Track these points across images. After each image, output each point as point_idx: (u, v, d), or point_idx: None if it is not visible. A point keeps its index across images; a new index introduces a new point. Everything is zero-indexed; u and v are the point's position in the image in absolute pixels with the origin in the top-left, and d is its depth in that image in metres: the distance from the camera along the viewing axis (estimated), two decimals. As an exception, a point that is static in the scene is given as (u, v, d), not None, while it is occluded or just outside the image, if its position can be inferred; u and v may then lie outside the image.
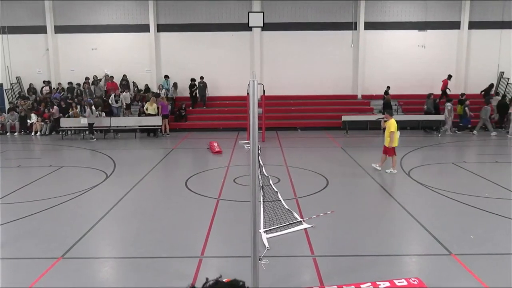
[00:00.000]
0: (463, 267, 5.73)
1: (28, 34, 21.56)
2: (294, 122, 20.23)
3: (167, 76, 21.34)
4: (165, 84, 21.26)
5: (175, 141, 17.27)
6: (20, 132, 19.52)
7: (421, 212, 8.12)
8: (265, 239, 6.60)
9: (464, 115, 18.78)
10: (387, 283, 5.14)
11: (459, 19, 21.36)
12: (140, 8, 21.40)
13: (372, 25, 21.43)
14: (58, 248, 6.48)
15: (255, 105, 4.47)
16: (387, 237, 6.90)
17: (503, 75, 21.47)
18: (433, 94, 19.65)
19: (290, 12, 21.42)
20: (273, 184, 9.96)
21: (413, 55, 21.61)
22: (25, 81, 22.11)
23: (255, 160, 4.66)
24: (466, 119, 18.79)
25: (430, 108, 19.09)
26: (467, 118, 18.77)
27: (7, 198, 9.22)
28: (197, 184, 10.31)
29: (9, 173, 11.89)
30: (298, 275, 5.72)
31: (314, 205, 8.50)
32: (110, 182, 10.74)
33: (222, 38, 21.56)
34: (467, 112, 18.57)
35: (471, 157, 14.61)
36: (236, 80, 20.65)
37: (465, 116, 18.73)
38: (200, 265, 5.90)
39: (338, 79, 21.80)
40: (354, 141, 16.94)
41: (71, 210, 8.51)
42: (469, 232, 7.05)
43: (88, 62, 21.67)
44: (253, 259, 4.78)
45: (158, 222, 7.77)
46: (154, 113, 18.60)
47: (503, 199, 8.87)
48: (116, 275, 5.83)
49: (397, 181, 10.71)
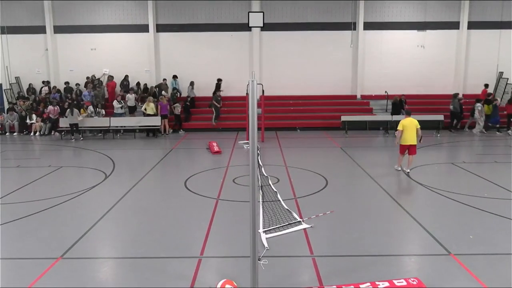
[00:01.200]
0: (462, 267, 5.74)
1: (27, 34, 21.57)
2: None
3: (175, 76, 21.27)
4: (174, 84, 21.18)
5: (174, 141, 17.27)
6: (20, 132, 19.51)
7: (420, 212, 8.14)
8: (264, 239, 6.61)
9: (493, 115, 18.75)
10: (386, 283, 5.14)
11: (458, 19, 21.39)
12: (139, 8, 21.41)
13: (372, 25, 21.46)
14: (57, 248, 6.48)
15: (254, 105, 4.47)
16: (386, 237, 6.90)
17: (502, 75, 21.49)
18: (459, 94, 19.52)
19: (290, 12, 21.44)
20: (273, 184, 9.96)
21: (412, 55, 21.64)
22: (24, 81, 22.10)
23: (255, 160, 4.66)
24: (495, 119, 18.78)
25: (456, 108, 18.93)
26: (496, 118, 18.77)
27: (6, 198, 9.22)
28: (197, 184, 10.31)
29: (9, 173, 11.88)
30: (298, 275, 5.72)
31: (313, 205, 8.50)
32: (110, 182, 10.74)
33: (222, 38, 21.57)
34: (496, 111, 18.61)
35: (471, 157, 14.61)
36: (236, 80, 20.68)
37: (493, 116, 18.71)
38: (199, 265, 5.90)
39: (338, 79, 21.82)
40: (353, 141, 16.95)
41: (70, 210, 8.51)
42: (468, 232, 7.05)
43: (87, 62, 21.68)
44: (253, 259, 4.78)
45: (157, 222, 7.77)
46: (152, 113, 18.60)
47: (502, 199, 8.88)
48: (115, 275, 5.83)
49: (397, 181, 10.72)
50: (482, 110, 18.21)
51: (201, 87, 21.16)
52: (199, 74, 21.31)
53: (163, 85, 20.94)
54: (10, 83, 21.79)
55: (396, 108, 18.80)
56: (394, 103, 19.17)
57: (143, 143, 17.33)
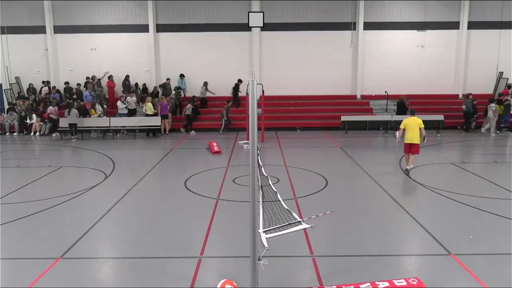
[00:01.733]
0: (462, 267, 5.74)
1: (27, 34, 21.57)
2: (293, 122, 20.25)
3: (182, 75, 21.30)
4: (180, 83, 21.15)
5: (174, 141, 17.27)
6: (20, 132, 19.51)
7: (420, 212, 8.14)
8: (264, 239, 6.61)
9: (504, 115, 18.77)
10: (386, 283, 5.14)
11: (458, 19, 21.40)
12: (139, 8, 21.41)
13: (372, 25, 21.47)
14: (57, 248, 6.48)
15: (254, 105, 4.47)
16: (386, 237, 6.90)
17: (502, 75, 21.49)
18: (471, 94, 19.46)
19: (290, 12, 21.44)
20: (273, 184, 9.96)
21: (412, 55, 21.65)
22: (24, 81, 22.11)
23: (255, 160, 4.66)
24: (506, 119, 18.82)
25: (469, 108, 18.85)
26: (506, 118, 18.80)
27: (6, 198, 9.22)
28: (197, 184, 10.31)
29: (9, 173, 11.88)
30: (297, 275, 5.72)
31: (313, 205, 8.50)
32: (110, 182, 10.74)
33: (222, 38, 21.58)
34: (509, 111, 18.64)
35: (471, 157, 14.61)
36: (235, 80, 20.68)
37: (505, 116, 18.74)
38: (199, 265, 5.90)
39: (337, 79, 21.83)
40: (353, 141, 16.95)
41: (70, 210, 8.50)
42: (468, 232, 7.05)
43: (87, 62, 21.67)
44: (253, 259, 4.78)
45: (157, 222, 7.77)
46: (151, 113, 18.58)
47: (502, 199, 8.89)
48: (115, 275, 5.83)
49: (397, 181, 10.72)
50: (496, 110, 18.19)
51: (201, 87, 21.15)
52: (199, 74, 21.30)
53: (166, 85, 20.87)
54: (10, 83, 21.79)
55: (401, 108, 18.77)
56: (399, 103, 19.15)
57: (143, 143, 17.33)
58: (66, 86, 21.45)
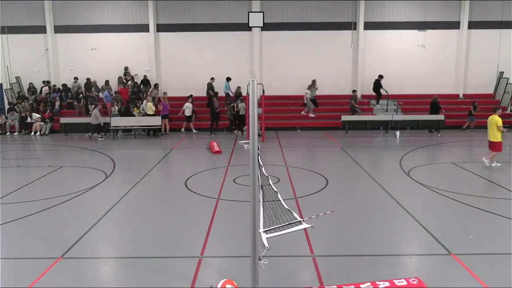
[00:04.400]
0: (462, 267, 5.74)
1: (28, 34, 21.57)
2: (293, 122, 20.24)
3: (229, 78, 20.46)
4: (225, 88, 20.47)
5: (175, 141, 17.27)
6: (21, 132, 19.50)
7: (420, 212, 8.13)
8: (264, 239, 6.61)
9: None
10: (387, 283, 5.14)
11: (459, 19, 21.37)
12: (139, 8, 21.41)
13: (372, 25, 21.45)
14: (57, 248, 6.48)
15: (254, 105, 4.46)
16: (387, 237, 6.90)
17: (502, 75, 21.48)
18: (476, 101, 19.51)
19: (290, 12, 21.43)
20: (273, 184, 9.96)
21: (412, 55, 21.61)
22: (24, 81, 22.11)
23: (255, 160, 4.65)
24: None
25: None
26: None
27: (7, 198, 9.22)
28: (197, 184, 10.31)
29: (9, 173, 11.89)
30: (298, 275, 5.72)
31: (313, 205, 8.50)
32: (110, 182, 10.75)
33: (222, 38, 21.57)
34: None
35: (471, 157, 14.60)
36: (236, 80, 20.65)
37: None
38: (200, 265, 5.90)
39: (338, 79, 21.80)
40: (353, 141, 16.94)
41: (70, 210, 8.51)
42: (468, 232, 7.05)
43: (88, 62, 21.68)
44: (253, 259, 4.78)
45: (157, 222, 7.77)
46: (151, 112, 18.58)
47: (502, 199, 8.89)
48: (115, 275, 5.83)
49: (397, 181, 10.71)
50: None
51: (202, 87, 21.08)
52: (199, 74, 21.27)
53: (211, 85, 20.36)
54: (11, 83, 21.81)
55: (435, 108, 18.88)
56: (433, 102, 19.19)
57: (143, 143, 17.33)
58: (64, 87, 21.41)
